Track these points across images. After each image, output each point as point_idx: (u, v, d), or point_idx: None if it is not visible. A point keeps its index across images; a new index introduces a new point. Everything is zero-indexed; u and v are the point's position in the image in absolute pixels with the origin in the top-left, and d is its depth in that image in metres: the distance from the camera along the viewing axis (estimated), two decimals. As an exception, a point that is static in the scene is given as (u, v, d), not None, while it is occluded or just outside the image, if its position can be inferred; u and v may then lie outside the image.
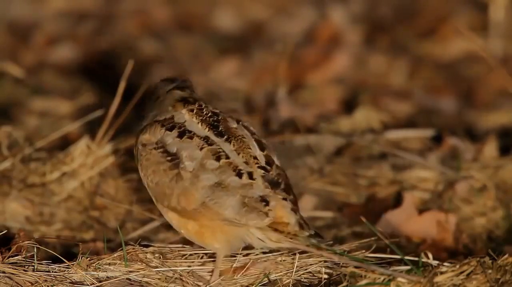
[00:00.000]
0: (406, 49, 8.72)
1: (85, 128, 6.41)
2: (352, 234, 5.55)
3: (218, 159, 4.58)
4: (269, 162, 4.64)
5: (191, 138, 4.62)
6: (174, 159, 4.60)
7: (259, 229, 4.54)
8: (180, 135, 4.63)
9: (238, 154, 4.61)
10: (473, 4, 9.20)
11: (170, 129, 4.66)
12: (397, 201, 5.74)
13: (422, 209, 5.63)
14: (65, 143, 6.16)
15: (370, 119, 6.67)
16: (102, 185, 5.70)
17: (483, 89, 8.12)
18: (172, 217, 4.66)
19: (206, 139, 4.61)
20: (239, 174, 4.56)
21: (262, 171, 4.59)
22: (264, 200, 4.54)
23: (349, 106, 7.46)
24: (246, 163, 4.59)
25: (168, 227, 5.46)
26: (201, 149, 4.58)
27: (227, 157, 4.58)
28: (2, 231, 4.87)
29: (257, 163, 4.61)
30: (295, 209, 4.58)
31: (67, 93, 7.74)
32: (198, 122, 4.68)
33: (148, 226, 5.51)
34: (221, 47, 8.74)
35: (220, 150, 4.60)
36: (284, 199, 4.56)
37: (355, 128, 6.60)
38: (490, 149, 6.21)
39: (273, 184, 4.58)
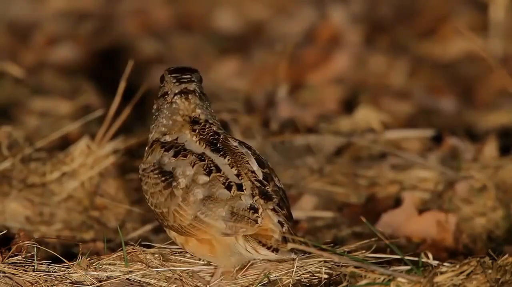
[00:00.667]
0: (406, 49, 8.73)
1: (85, 128, 6.41)
2: (352, 234, 5.55)
3: (208, 173, 4.64)
4: (267, 178, 4.68)
5: (185, 156, 4.69)
6: (168, 179, 4.66)
7: (246, 241, 4.58)
8: (176, 155, 4.69)
9: (231, 167, 4.66)
10: (473, 4, 9.20)
11: (168, 150, 4.71)
12: (397, 201, 5.74)
13: (422, 209, 5.63)
14: (65, 143, 6.17)
15: (370, 119, 6.67)
16: (102, 185, 5.70)
17: (483, 89, 8.12)
18: (174, 236, 4.70)
19: (201, 155, 4.66)
20: (228, 187, 4.62)
21: (258, 184, 4.62)
22: (253, 208, 4.59)
23: (349, 106, 7.46)
24: (238, 175, 4.63)
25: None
26: (193, 165, 4.64)
27: (218, 171, 4.64)
28: (2, 231, 4.87)
29: (254, 177, 4.64)
30: (283, 222, 4.60)
31: (67, 93, 7.74)
32: (197, 141, 4.73)
33: (148, 226, 5.51)
34: (221, 47, 8.74)
35: (211, 164, 4.66)
36: (273, 210, 4.58)
37: (355, 128, 6.60)
38: (490, 149, 6.21)
39: (266, 197, 4.62)
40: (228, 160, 4.67)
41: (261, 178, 4.66)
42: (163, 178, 4.67)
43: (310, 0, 9.49)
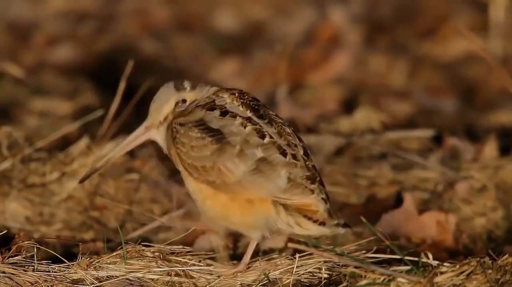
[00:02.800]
0: (406, 49, 8.73)
1: (85, 128, 6.41)
2: (352, 234, 5.55)
3: (262, 137, 4.63)
4: (307, 153, 4.70)
5: (234, 117, 4.67)
6: (217, 135, 4.63)
7: (290, 215, 4.57)
8: (223, 114, 4.67)
9: (280, 136, 4.66)
10: (473, 4, 9.20)
11: (211, 109, 4.70)
12: (397, 201, 5.74)
13: (422, 209, 5.63)
14: (65, 143, 6.16)
15: (370, 119, 6.67)
16: (102, 185, 5.70)
17: (483, 89, 8.12)
18: (201, 189, 4.66)
19: (248, 119, 4.65)
20: (284, 153, 4.61)
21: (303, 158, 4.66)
22: (310, 178, 4.61)
23: (349, 106, 7.46)
24: (288, 145, 4.64)
25: (168, 227, 5.46)
26: (245, 127, 4.64)
27: (271, 137, 4.64)
28: (2, 231, 4.87)
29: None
30: (325, 199, 4.62)
31: (67, 93, 7.74)
32: (239, 105, 4.72)
33: (148, 226, 5.51)
34: (221, 47, 8.74)
35: (263, 129, 4.65)
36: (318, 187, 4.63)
37: (355, 128, 6.61)
38: (490, 149, 6.21)
39: (311, 173, 4.65)
40: (275, 129, 4.67)
41: (302, 153, 4.67)
42: (211, 133, 4.63)
43: (310, 0, 9.49)
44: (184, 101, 4.81)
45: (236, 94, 4.76)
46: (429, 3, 9.32)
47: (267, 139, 4.62)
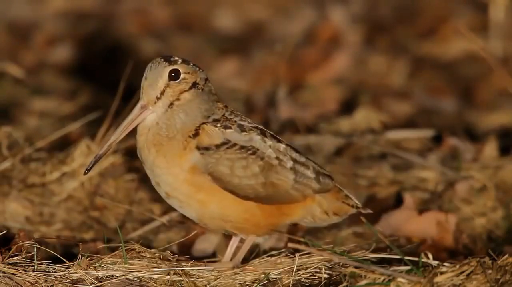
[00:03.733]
0: (406, 49, 8.73)
1: (85, 128, 6.41)
2: (352, 234, 5.55)
3: (280, 142, 4.76)
4: None
5: (251, 129, 4.72)
6: (255, 152, 4.68)
7: (327, 201, 4.79)
8: (242, 129, 4.71)
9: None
10: (473, 4, 9.20)
11: (229, 127, 4.71)
12: (397, 201, 5.74)
13: (422, 209, 5.63)
14: (65, 143, 6.16)
15: (370, 119, 6.67)
16: (102, 185, 5.70)
17: (483, 89, 8.12)
18: (249, 207, 4.69)
19: (257, 127, 4.72)
20: (298, 152, 4.79)
21: None
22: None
23: (349, 106, 7.46)
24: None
25: (168, 227, 5.46)
26: (266, 135, 4.72)
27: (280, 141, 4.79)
28: (2, 231, 4.87)
29: None
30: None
31: (67, 93, 7.73)
32: (241, 116, 4.79)
33: (148, 226, 5.51)
34: (221, 47, 8.74)
35: (274, 134, 4.79)
36: None
37: (355, 128, 6.61)
38: (490, 149, 6.21)
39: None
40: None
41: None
42: (250, 151, 4.68)
43: (310, 0, 9.49)
44: (177, 71, 4.74)
45: (228, 106, 4.81)
46: (429, 3, 9.32)
47: (284, 144, 4.76)
